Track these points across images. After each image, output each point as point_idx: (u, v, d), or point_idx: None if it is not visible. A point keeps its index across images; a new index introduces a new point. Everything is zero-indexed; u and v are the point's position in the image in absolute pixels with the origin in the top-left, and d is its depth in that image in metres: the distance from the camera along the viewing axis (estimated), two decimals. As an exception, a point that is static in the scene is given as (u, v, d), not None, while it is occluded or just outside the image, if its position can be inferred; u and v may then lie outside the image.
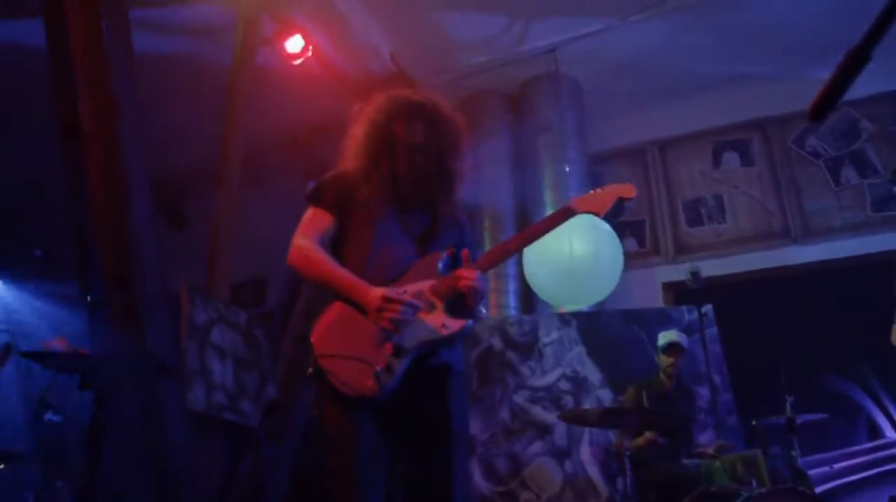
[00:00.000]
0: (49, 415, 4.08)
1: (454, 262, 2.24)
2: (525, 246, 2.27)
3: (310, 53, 5.09)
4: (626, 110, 6.40)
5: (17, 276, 7.87)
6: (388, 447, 2.09)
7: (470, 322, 2.12)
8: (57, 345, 2.61)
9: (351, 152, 2.31)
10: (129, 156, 3.72)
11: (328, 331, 2.12)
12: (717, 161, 6.23)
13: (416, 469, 2.10)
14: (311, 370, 2.11)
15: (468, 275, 2.09)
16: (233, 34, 4.82)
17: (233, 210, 4.47)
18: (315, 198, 2.29)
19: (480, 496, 4.86)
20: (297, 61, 5.09)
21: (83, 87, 3.73)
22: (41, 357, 2.85)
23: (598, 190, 2.31)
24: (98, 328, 3.36)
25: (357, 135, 2.31)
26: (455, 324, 2.08)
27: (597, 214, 2.26)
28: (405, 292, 2.08)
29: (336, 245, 2.27)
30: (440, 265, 2.17)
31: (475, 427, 4.96)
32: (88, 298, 3.61)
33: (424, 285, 2.12)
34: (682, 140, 6.35)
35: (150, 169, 3.97)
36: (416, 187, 2.26)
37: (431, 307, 2.09)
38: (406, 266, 2.18)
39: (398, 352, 2.02)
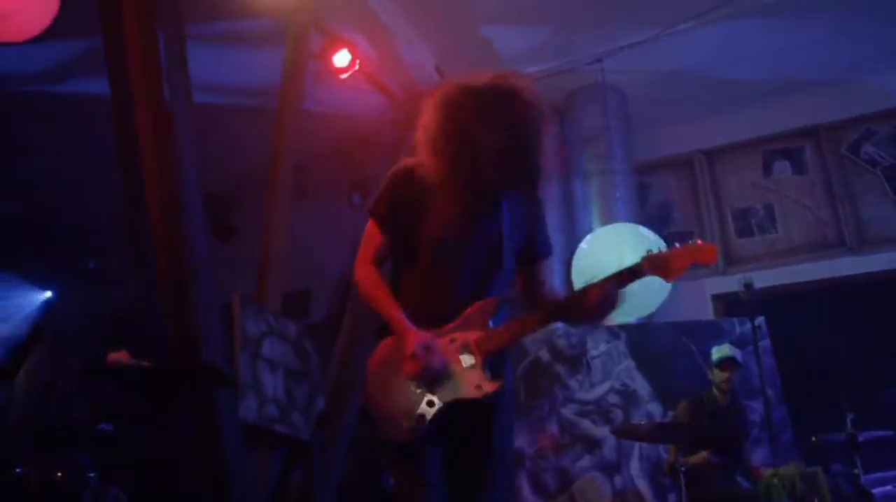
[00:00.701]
0: (103, 425, 4.14)
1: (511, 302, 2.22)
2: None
3: (356, 67, 5.13)
4: (673, 120, 6.32)
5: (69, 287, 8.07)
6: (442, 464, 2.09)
7: (508, 382, 2.13)
8: (120, 357, 2.65)
9: (424, 147, 2.13)
10: (183, 167, 3.78)
11: (379, 365, 2.14)
12: (767, 170, 6.11)
13: (459, 486, 2.09)
14: (362, 402, 2.16)
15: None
16: (282, 49, 4.87)
17: (283, 222, 4.51)
18: (375, 212, 2.21)
19: (529, 511, 4.81)
20: (344, 75, 5.13)
21: (139, 98, 3.81)
22: (103, 370, 2.90)
23: (675, 249, 2.09)
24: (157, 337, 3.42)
25: (430, 127, 2.12)
26: (490, 386, 2.03)
27: (665, 279, 2.08)
28: (454, 342, 2.08)
29: (394, 261, 2.25)
30: (491, 320, 2.12)
31: (523, 440, 4.91)
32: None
33: (471, 336, 2.08)
34: (730, 149, 6.25)
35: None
36: (496, 188, 2.11)
37: (472, 365, 2.05)
38: (463, 304, 2.12)
39: (431, 404, 2.02)
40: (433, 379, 2.03)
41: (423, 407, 2.01)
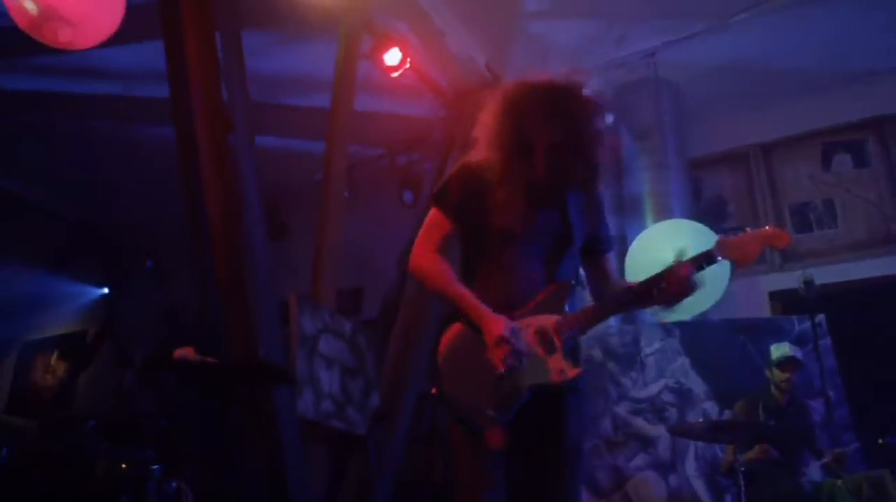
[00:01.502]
0: (165, 419, 4.26)
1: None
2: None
3: (407, 66, 5.16)
4: (728, 113, 6.19)
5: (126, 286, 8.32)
6: (506, 459, 2.08)
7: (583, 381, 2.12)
8: (185, 353, 2.73)
9: (483, 143, 2.20)
10: (241, 169, 3.86)
11: (452, 352, 2.13)
12: (826, 163, 5.94)
13: (528, 483, 2.09)
14: (434, 390, 2.14)
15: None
16: (333, 49, 4.93)
17: (337, 220, 4.57)
18: (439, 199, 2.24)
19: (582, 509, 4.78)
20: (395, 74, 5.17)
21: (198, 101, 3.90)
22: (169, 366, 2.98)
23: (747, 233, 2.14)
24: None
25: (489, 125, 2.18)
26: (572, 372, 2.05)
27: (737, 264, 2.13)
28: (529, 327, 2.07)
29: (464, 251, 2.25)
30: (566, 303, 2.14)
31: (576, 438, 4.88)
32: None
33: (549, 321, 2.09)
34: (788, 142, 6.08)
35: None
36: (553, 187, 2.17)
37: (552, 349, 2.06)
38: (534, 289, 2.14)
39: (514, 392, 2.02)
40: (517, 364, 2.02)
41: (506, 394, 2.01)
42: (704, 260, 2.11)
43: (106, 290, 8.56)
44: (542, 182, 2.14)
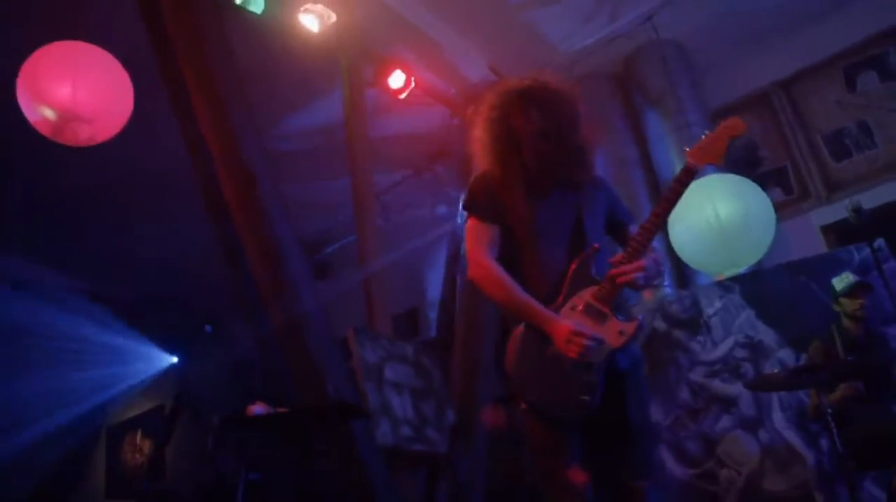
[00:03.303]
0: (252, 475, 4.36)
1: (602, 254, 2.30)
2: (666, 216, 2.24)
3: (413, 85, 5.22)
4: (739, 58, 6.07)
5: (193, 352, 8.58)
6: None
7: (642, 317, 2.19)
8: (258, 408, 2.82)
9: (479, 156, 2.37)
10: (272, 218, 3.95)
11: (521, 360, 2.20)
12: (851, 85, 5.77)
13: (606, 467, 2.17)
14: (523, 406, 2.19)
15: (622, 271, 2.14)
16: (339, 84, 5.02)
17: (376, 248, 4.63)
18: (472, 208, 2.36)
19: (678, 482, 4.72)
20: (403, 95, 5.23)
21: (218, 161, 4.01)
22: (243, 422, 3.07)
23: (707, 134, 2.29)
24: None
25: (479, 137, 2.37)
26: (630, 327, 2.15)
27: (716, 163, 2.26)
28: (576, 309, 2.16)
29: (501, 248, 2.32)
30: (592, 270, 2.22)
31: (657, 413, 4.83)
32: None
33: (587, 295, 2.18)
34: (807, 73, 5.92)
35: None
36: (551, 172, 2.29)
37: (603, 317, 2.15)
38: (561, 270, 2.22)
39: (590, 368, 2.10)
40: (596, 347, 2.11)
41: (587, 374, 2.10)
42: (687, 176, 2.22)
43: (175, 360, 8.84)
44: (536, 173, 2.28)
